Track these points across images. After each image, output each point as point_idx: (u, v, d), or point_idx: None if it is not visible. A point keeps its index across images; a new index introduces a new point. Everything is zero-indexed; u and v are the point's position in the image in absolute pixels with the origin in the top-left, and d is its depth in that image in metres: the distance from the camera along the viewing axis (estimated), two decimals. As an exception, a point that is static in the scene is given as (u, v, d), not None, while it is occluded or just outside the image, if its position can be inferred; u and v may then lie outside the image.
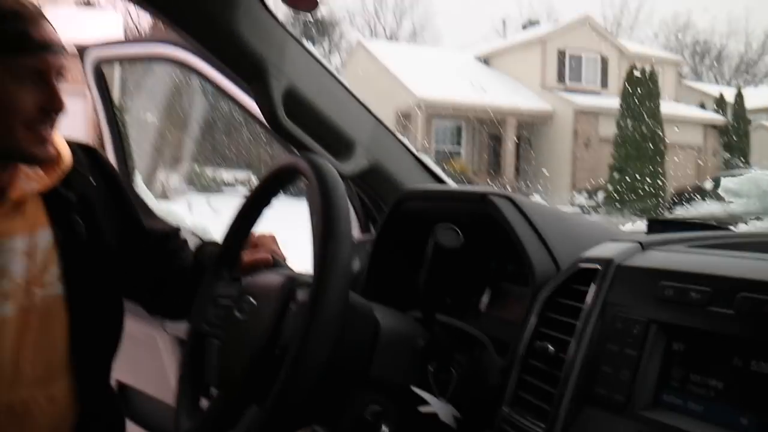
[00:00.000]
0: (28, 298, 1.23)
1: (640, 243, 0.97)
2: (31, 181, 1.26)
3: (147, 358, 2.28)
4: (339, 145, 1.59)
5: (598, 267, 0.94)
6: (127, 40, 2.26)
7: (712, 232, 1.11)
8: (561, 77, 23.20)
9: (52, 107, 1.19)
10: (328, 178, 1.02)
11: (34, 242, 1.25)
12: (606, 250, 0.97)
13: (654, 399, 0.82)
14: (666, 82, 23.32)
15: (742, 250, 0.95)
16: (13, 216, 1.24)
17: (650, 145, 18.57)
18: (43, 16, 1.20)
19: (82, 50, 2.21)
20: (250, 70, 1.46)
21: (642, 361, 0.83)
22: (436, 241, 1.00)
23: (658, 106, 19.11)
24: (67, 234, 1.29)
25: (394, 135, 1.70)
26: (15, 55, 1.15)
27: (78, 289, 1.29)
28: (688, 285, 0.81)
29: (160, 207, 2.61)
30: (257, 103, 1.48)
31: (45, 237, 1.27)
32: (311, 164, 1.06)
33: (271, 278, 1.12)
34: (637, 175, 18.11)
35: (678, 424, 0.77)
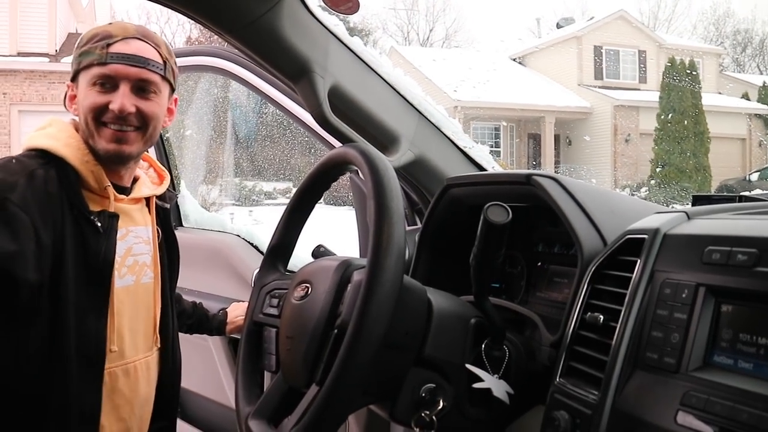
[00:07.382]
0: (143, 277, 1.53)
1: (686, 213, 0.99)
2: (147, 189, 1.58)
3: (200, 361, 2.33)
4: (384, 138, 1.63)
5: (645, 236, 0.96)
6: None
7: (757, 203, 1.12)
8: (598, 74, 22.94)
9: (117, 107, 1.40)
10: (378, 162, 1.05)
11: (149, 234, 1.56)
12: (652, 220, 0.99)
13: (704, 360, 0.83)
14: (707, 73, 22.93)
15: (787, 215, 0.96)
16: (136, 211, 1.54)
17: (692, 138, 18.27)
18: (138, 38, 1.43)
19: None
20: (295, 70, 1.50)
21: (691, 324, 0.85)
22: (486, 218, 1.02)
23: (699, 99, 18.78)
24: (166, 234, 1.63)
25: (439, 128, 1.72)
26: (93, 65, 1.41)
27: (168, 280, 1.62)
28: (735, 248, 0.83)
29: (204, 216, 2.67)
30: (304, 100, 1.52)
31: (154, 232, 1.58)
32: (360, 152, 1.10)
33: (326, 263, 1.15)
34: (680, 169, 17.84)
35: (728, 382, 0.79)
